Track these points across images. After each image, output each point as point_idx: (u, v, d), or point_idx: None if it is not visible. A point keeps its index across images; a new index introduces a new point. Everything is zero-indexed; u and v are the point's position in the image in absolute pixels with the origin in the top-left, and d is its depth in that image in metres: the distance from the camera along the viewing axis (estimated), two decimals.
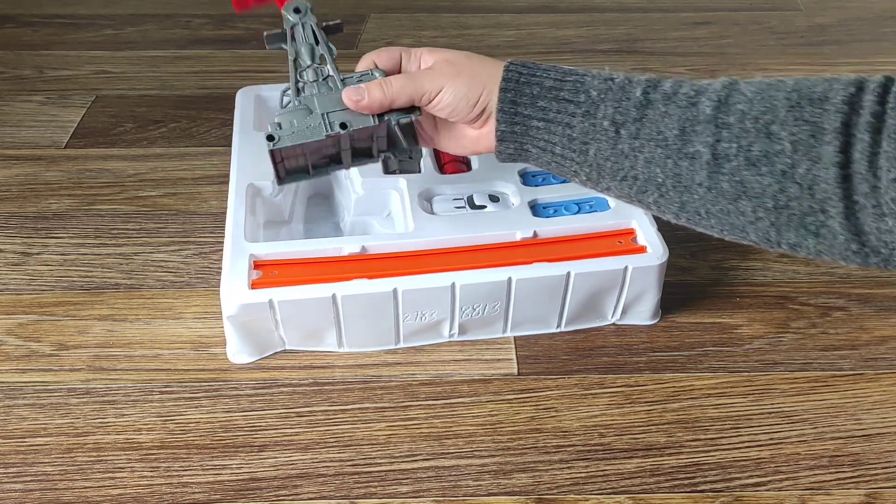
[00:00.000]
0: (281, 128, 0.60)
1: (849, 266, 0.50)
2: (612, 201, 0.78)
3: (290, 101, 0.63)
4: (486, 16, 1.33)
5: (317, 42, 0.65)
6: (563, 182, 0.81)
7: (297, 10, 0.66)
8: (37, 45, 1.25)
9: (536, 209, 0.77)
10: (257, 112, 0.91)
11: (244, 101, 0.92)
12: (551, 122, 0.56)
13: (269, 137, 0.60)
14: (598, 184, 0.56)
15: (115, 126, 1.06)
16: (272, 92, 0.94)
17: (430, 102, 0.60)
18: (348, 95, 0.61)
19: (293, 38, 0.66)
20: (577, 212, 0.77)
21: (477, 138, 0.62)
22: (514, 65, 0.59)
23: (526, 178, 0.81)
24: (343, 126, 0.61)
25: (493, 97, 0.58)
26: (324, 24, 0.67)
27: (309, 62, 0.65)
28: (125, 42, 1.26)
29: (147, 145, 1.02)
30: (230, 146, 0.86)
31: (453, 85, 0.59)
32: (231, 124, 0.90)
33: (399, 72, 0.64)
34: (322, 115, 0.61)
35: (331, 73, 0.64)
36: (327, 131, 0.60)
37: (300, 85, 0.64)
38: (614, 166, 0.54)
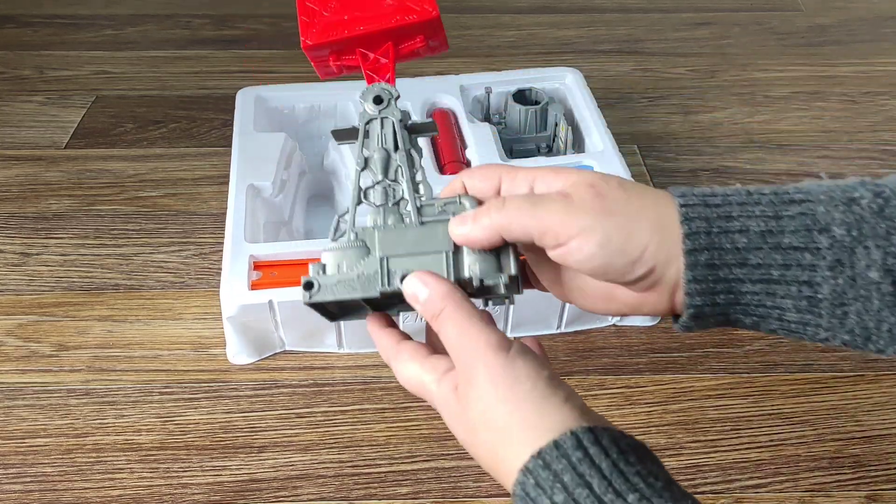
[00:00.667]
0: (325, 272, 0.44)
1: None
2: None
3: (344, 231, 0.46)
4: (487, 16, 1.33)
5: (396, 147, 0.47)
6: None
7: (377, 100, 0.48)
8: (37, 45, 1.25)
9: None
10: (257, 113, 0.91)
11: (244, 101, 0.92)
12: (776, 283, 0.39)
13: (307, 285, 0.44)
14: (863, 347, 0.40)
15: (116, 126, 1.06)
16: (272, 92, 0.94)
17: (558, 246, 0.40)
18: (454, 226, 0.43)
19: (366, 136, 0.48)
20: None
21: (637, 304, 0.43)
22: (693, 197, 0.40)
23: None
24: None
25: (668, 254, 0.39)
26: (410, 121, 0.49)
27: (380, 177, 0.47)
28: (125, 42, 1.26)
29: (147, 146, 1.02)
30: (230, 147, 0.86)
31: (602, 228, 0.39)
32: (231, 125, 0.90)
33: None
34: (381, 259, 0.44)
35: (405, 196, 0.46)
36: (384, 286, 0.43)
37: (364, 204, 0.47)
38: (893, 331, 0.38)
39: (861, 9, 1.35)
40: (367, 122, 0.48)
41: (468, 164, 0.84)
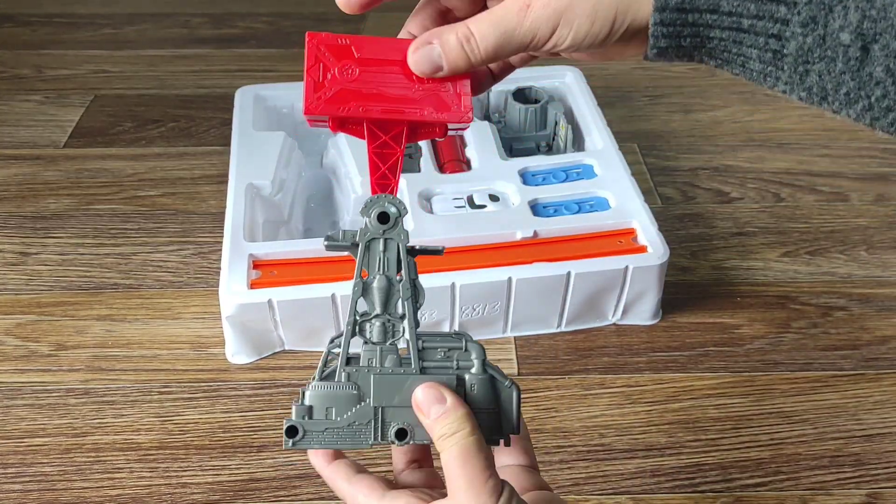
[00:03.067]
0: (311, 416, 0.41)
1: None
2: (612, 201, 0.78)
3: (334, 368, 0.41)
4: None
5: (398, 275, 0.42)
6: (564, 181, 0.80)
7: (383, 219, 0.41)
8: (35, 44, 1.24)
9: (536, 209, 0.77)
10: (256, 111, 0.90)
11: (243, 100, 0.92)
12: (744, 31, 0.38)
13: (290, 430, 0.41)
14: (818, 105, 0.40)
15: (114, 126, 1.06)
16: (271, 91, 0.94)
17: (541, 47, 0.40)
18: (412, 58, 0.42)
19: (365, 253, 0.41)
20: (578, 211, 0.77)
21: (619, 54, 0.42)
22: None
23: (526, 178, 0.80)
24: (401, 435, 0.41)
25: (637, 3, 0.39)
26: (418, 246, 0.42)
27: (379, 310, 0.41)
28: (124, 41, 1.25)
29: (146, 145, 1.02)
30: (229, 146, 0.86)
31: (570, 11, 0.39)
32: (230, 124, 0.90)
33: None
34: (376, 409, 0.41)
35: (406, 336, 0.41)
36: (376, 439, 0.41)
37: (359, 338, 0.42)
38: (854, 94, 0.38)
39: None
40: (369, 241, 0.41)
41: (468, 163, 0.84)
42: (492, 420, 0.41)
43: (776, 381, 0.72)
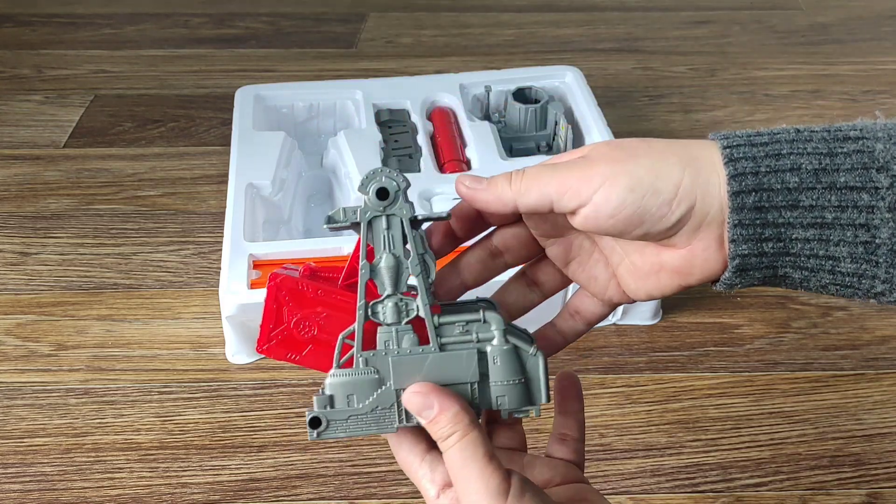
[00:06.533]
0: (332, 405, 0.39)
1: None
2: None
3: (350, 354, 0.40)
4: (486, 14, 1.33)
5: (406, 253, 0.39)
6: None
7: (382, 194, 0.39)
8: (35, 44, 1.24)
9: None
10: (256, 111, 0.90)
11: (243, 100, 0.92)
12: (829, 227, 0.35)
13: (314, 422, 0.39)
14: None
15: (114, 125, 1.06)
16: (271, 91, 0.94)
17: (581, 206, 0.36)
18: (459, 181, 0.40)
19: (368, 231, 0.39)
20: None
21: (687, 265, 0.38)
22: (737, 138, 0.36)
23: None
24: None
25: (705, 191, 0.35)
26: (420, 215, 0.40)
27: (390, 290, 0.39)
28: (124, 41, 1.25)
29: (146, 145, 1.02)
30: (229, 146, 0.86)
31: (627, 172, 0.36)
32: (230, 124, 0.90)
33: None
34: (398, 392, 0.39)
35: (421, 314, 0.39)
36: (401, 422, 0.40)
37: (377, 318, 0.40)
38: None
39: (861, 7, 1.34)
40: (370, 220, 0.39)
41: (468, 163, 0.84)
42: (521, 391, 0.40)
43: (776, 380, 0.72)
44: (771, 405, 0.70)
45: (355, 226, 0.39)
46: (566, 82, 0.95)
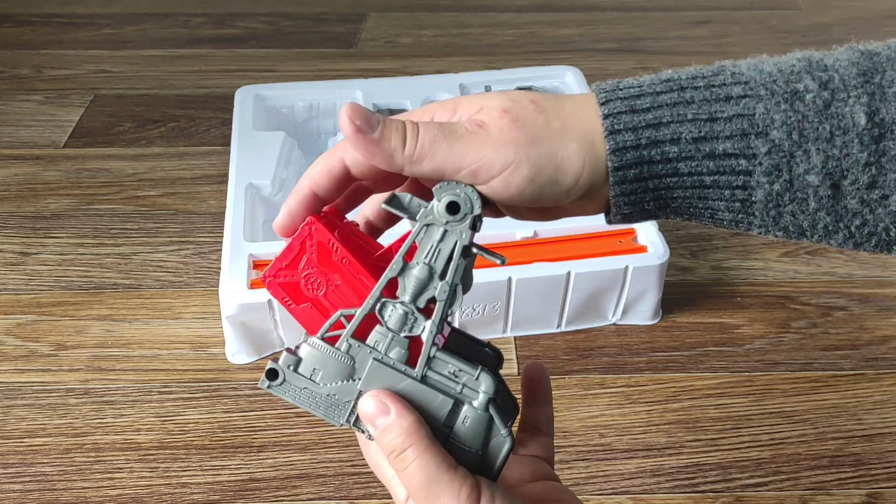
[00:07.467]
0: (296, 369, 0.39)
1: None
2: None
3: (340, 333, 0.39)
4: (486, 15, 1.33)
5: (443, 273, 0.38)
6: None
7: (451, 209, 0.37)
8: (35, 44, 1.24)
9: None
10: (256, 111, 0.90)
11: (243, 100, 0.92)
12: (707, 187, 0.36)
13: (271, 373, 0.39)
14: (797, 239, 0.38)
15: (114, 125, 1.06)
16: (271, 91, 0.94)
17: (480, 185, 0.36)
18: (347, 114, 0.36)
19: (422, 232, 0.38)
20: None
21: (577, 212, 0.39)
22: (619, 103, 0.36)
23: None
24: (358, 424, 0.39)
25: (602, 172, 0.36)
26: (476, 248, 0.38)
27: (407, 297, 0.38)
28: (124, 41, 1.25)
29: (146, 145, 1.02)
30: (229, 146, 0.86)
31: (528, 161, 0.35)
32: (230, 124, 0.90)
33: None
34: (359, 393, 0.38)
35: (423, 338, 0.38)
36: (347, 422, 0.39)
37: (382, 316, 0.38)
38: (832, 226, 0.36)
39: (861, 8, 1.34)
40: (427, 224, 0.37)
41: None
42: (473, 462, 0.38)
43: (776, 380, 0.72)
44: (771, 405, 0.70)
45: (412, 220, 0.38)
46: (566, 82, 0.95)
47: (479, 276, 0.71)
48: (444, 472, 0.36)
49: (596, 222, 0.75)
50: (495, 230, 0.74)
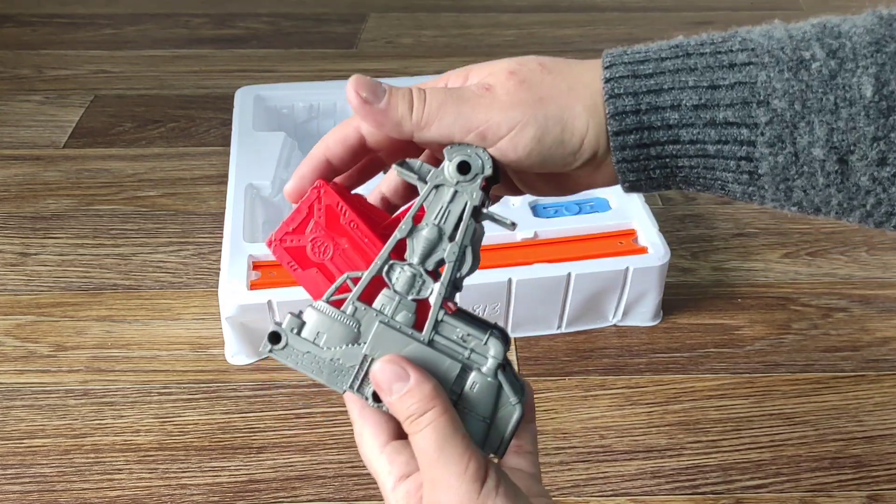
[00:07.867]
0: (300, 333, 0.38)
1: None
2: (612, 202, 0.78)
3: (345, 297, 0.38)
4: (487, 15, 1.33)
5: (452, 235, 0.37)
6: None
7: (463, 168, 0.37)
8: (35, 44, 1.24)
9: (537, 209, 0.77)
10: (256, 112, 0.90)
11: (243, 100, 0.92)
12: (712, 157, 0.35)
13: (274, 337, 0.38)
14: (815, 216, 0.37)
15: (114, 126, 1.05)
16: (271, 91, 0.94)
17: (488, 147, 0.36)
18: (353, 86, 0.36)
19: (431, 194, 0.37)
20: (578, 212, 0.77)
21: (590, 182, 0.39)
22: (622, 67, 0.36)
23: None
24: (378, 398, 0.37)
25: (598, 131, 0.36)
26: (487, 210, 0.38)
27: (416, 259, 0.37)
28: (124, 42, 1.25)
29: (146, 145, 1.02)
30: (229, 146, 0.86)
31: (535, 121, 0.35)
32: (230, 124, 0.90)
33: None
34: (365, 357, 0.37)
35: (431, 301, 0.37)
36: (352, 387, 0.38)
37: (389, 279, 0.38)
38: (846, 204, 0.35)
39: (861, 8, 1.34)
40: (437, 185, 0.37)
41: None
42: (480, 431, 0.37)
43: (777, 382, 0.72)
44: (771, 407, 0.70)
45: (421, 182, 0.37)
46: None
47: (480, 276, 0.71)
48: (460, 439, 0.35)
49: (596, 223, 0.75)
50: (496, 230, 0.74)
